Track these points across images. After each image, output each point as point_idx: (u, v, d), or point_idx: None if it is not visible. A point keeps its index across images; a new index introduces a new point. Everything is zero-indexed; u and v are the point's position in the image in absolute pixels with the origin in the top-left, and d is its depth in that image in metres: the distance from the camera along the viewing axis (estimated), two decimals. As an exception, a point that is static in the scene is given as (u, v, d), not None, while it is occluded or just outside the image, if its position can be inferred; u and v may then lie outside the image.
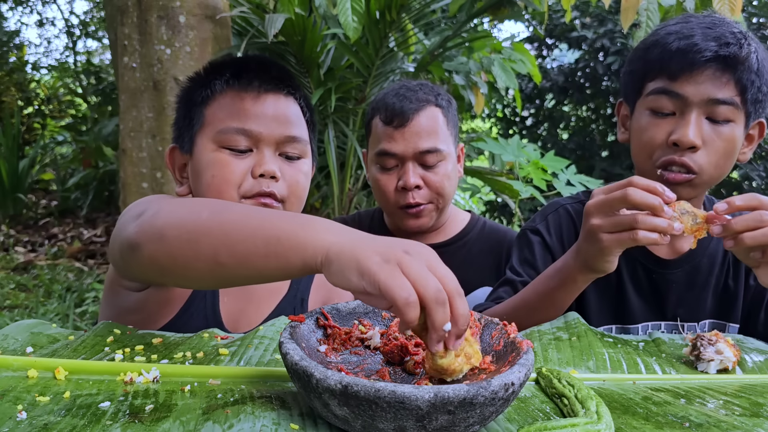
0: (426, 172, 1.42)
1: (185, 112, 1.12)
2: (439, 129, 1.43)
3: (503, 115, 7.24)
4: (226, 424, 0.63)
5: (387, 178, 1.45)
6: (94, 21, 8.39)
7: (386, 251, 0.63)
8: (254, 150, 1.06)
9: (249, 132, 1.05)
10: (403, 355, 0.76)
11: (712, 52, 1.03)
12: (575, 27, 6.41)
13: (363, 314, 0.83)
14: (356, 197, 3.57)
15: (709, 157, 1.07)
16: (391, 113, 1.41)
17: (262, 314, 1.14)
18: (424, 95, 1.43)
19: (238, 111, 1.05)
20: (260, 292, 1.16)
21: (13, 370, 0.75)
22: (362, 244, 0.66)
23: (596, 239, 0.94)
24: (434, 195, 1.44)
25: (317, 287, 1.22)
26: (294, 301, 1.17)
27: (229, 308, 1.13)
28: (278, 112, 1.07)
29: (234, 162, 1.04)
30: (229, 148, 1.05)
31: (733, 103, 1.05)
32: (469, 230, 1.58)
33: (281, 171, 1.06)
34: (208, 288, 1.08)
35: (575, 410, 0.68)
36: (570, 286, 1.04)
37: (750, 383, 0.85)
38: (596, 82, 6.54)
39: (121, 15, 2.67)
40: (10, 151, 6.23)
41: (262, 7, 2.89)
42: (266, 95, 1.07)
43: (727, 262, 1.22)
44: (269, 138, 1.06)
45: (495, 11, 3.46)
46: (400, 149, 1.41)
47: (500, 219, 5.93)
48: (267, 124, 1.05)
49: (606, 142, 6.68)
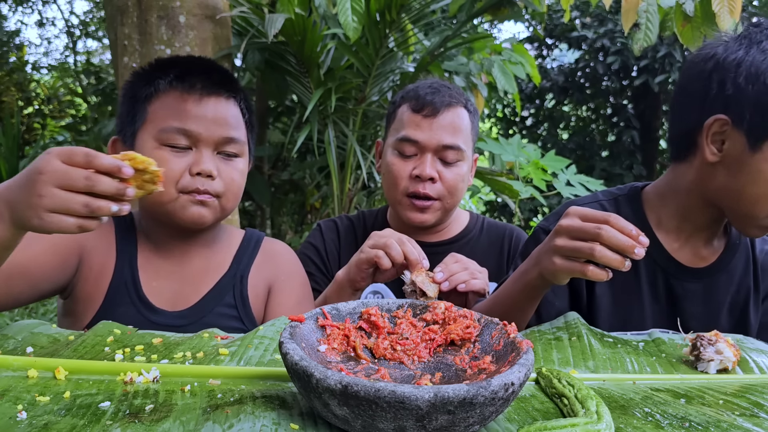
0: (443, 167, 1.43)
1: (129, 107, 1.17)
2: (464, 130, 1.45)
3: (503, 115, 7.24)
4: (226, 424, 0.63)
5: (402, 164, 1.45)
6: (94, 21, 8.39)
7: None
8: (193, 149, 1.12)
9: (189, 132, 1.11)
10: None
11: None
12: (575, 27, 6.41)
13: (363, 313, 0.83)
14: (356, 197, 3.57)
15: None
16: (422, 102, 1.43)
17: (201, 292, 1.20)
18: (456, 95, 1.46)
19: (180, 111, 1.12)
20: (195, 272, 1.22)
21: (13, 370, 0.75)
22: None
23: (550, 259, 0.95)
24: (445, 193, 1.44)
25: (259, 265, 1.27)
26: (234, 279, 1.23)
27: (162, 290, 1.18)
28: (218, 114, 1.14)
29: (173, 160, 1.11)
30: (169, 145, 1.11)
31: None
32: (471, 228, 1.59)
33: (218, 169, 1.13)
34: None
35: (575, 410, 0.68)
36: (530, 291, 1.05)
37: (750, 383, 0.85)
38: (596, 82, 6.54)
39: (121, 15, 2.67)
40: (10, 151, 6.23)
41: (261, 7, 2.89)
42: (208, 98, 1.14)
43: (746, 283, 1.21)
44: (208, 139, 1.12)
45: (495, 11, 3.46)
46: (424, 138, 1.42)
47: (500, 219, 5.94)
48: (207, 126, 1.12)
49: (606, 142, 6.68)
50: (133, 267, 1.18)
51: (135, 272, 1.18)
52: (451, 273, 1.23)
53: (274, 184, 4.82)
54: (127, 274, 1.17)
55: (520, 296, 1.07)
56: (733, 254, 1.21)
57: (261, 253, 1.29)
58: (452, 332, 0.79)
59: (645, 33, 2.69)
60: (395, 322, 0.83)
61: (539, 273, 1.00)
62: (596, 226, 0.90)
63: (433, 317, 0.83)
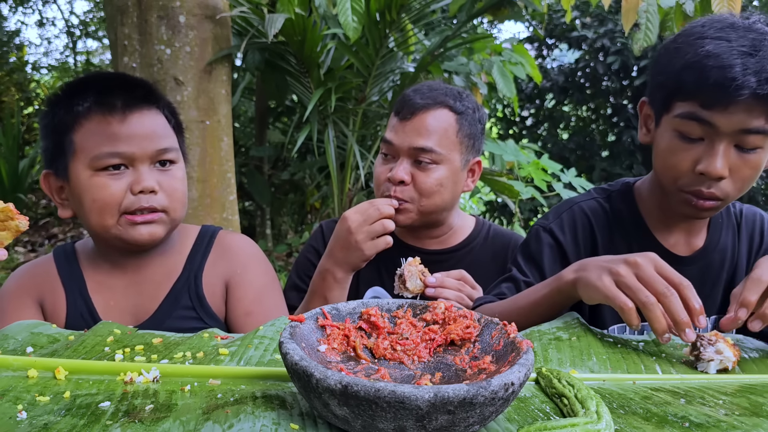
0: (418, 170, 1.40)
1: (53, 140, 1.15)
2: (444, 132, 1.40)
3: (503, 115, 7.24)
4: (226, 424, 0.63)
5: (382, 168, 1.45)
6: (94, 21, 8.39)
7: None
8: (130, 167, 1.12)
9: (122, 154, 1.11)
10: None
11: (750, 90, 0.98)
12: (575, 27, 6.41)
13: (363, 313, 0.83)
14: (356, 197, 3.57)
15: (734, 184, 1.06)
16: (401, 104, 1.43)
17: (158, 300, 1.21)
18: (441, 96, 1.41)
19: (108, 135, 1.10)
20: (150, 282, 1.22)
21: (13, 370, 0.75)
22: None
23: (600, 276, 0.93)
24: (418, 195, 1.40)
25: (213, 263, 1.26)
26: (188, 282, 1.23)
27: (121, 307, 1.20)
28: (146, 128, 1.13)
29: (112, 184, 1.10)
30: (104, 169, 1.10)
31: (764, 131, 1.02)
32: (475, 236, 1.56)
33: (159, 183, 1.13)
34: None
35: (575, 410, 0.68)
36: (556, 296, 1.04)
37: (750, 383, 0.85)
38: (596, 82, 6.54)
39: (121, 15, 2.67)
40: (10, 151, 6.23)
41: (261, 7, 2.88)
42: (131, 114, 1.12)
43: (735, 257, 1.23)
44: (142, 156, 1.12)
45: (495, 11, 3.46)
46: (397, 140, 1.41)
47: (500, 219, 5.93)
48: (138, 143, 1.11)
49: (606, 142, 6.68)
50: (85, 296, 1.19)
51: (88, 301, 1.19)
52: (443, 285, 1.24)
53: (274, 184, 4.82)
54: (81, 306, 1.18)
55: (542, 301, 1.05)
56: (720, 231, 1.23)
57: (214, 249, 1.28)
58: (452, 332, 0.79)
59: (645, 33, 2.69)
60: (395, 322, 0.83)
61: (575, 281, 0.98)
62: (667, 286, 0.89)
63: (433, 317, 0.82)
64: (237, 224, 2.95)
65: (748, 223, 1.26)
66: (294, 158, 4.59)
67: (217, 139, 2.83)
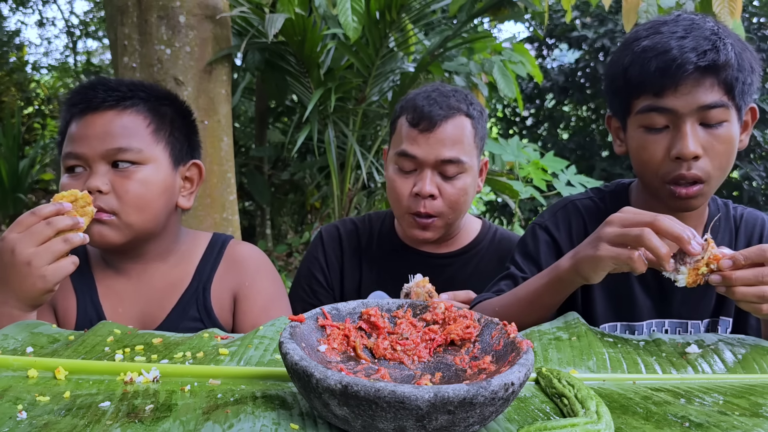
0: (444, 182, 1.37)
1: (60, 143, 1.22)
2: (465, 140, 1.37)
3: (503, 115, 7.24)
4: (226, 424, 0.63)
5: (403, 181, 1.39)
6: (94, 21, 8.40)
7: None
8: (87, 169, 1.14)
9: (75, 154, 1.13)
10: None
11: (692, 65, 1.02)
12: (575, 27, 6.41)
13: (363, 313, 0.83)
14: (356, 197, 3.57)
15: (712, 162, 1.07)
16: (419, 116, 1.36)
17: (166, 309, 1.21)
18: (455, 102, 1.38)
19: (70, 136, 1.16)
20: (157, 290, 1.22)
21: (13, 370, 0.75)
22: None
23: (595, 248, 0.95)
24: (447, 208, 1.38)
25: (222, 275, 1.26)
26: (196, 293, 1.24)
27: (129, 314, 1.21)
28: (102, 129, 1.13)
29: (71, 183, 1.14)
30: (69, 170, 1.15)
31: (723, 105, 1.05)
32: (481, 239, 1.53)
33: (112, 184, 1.12)
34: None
35: (575, 410, 0.68)
36: (556, 285, 1.05)
37: (750, 383, 0.85)
38: (596, 82, 6.54)
39: (121, 15, 2.67)
40: (10, 151, 6.23)
41: (261, 7, 2.88)
42: (92, 115, 1.14)
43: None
44: (94, 155, 1.12)
45: (495, 12, 3.46)
46: (421, 154, 1.36)
47: (500, 219, 5.93)
48: (89, 143, 1.13)
49: (606, 142, 6.68)
50: (95, 301, 1.19)
51: (98, 306, 1.19)
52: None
53: (274, 184, 4.82)
54: (90, 311, 1.18)
55: (544, 291, 1.06)
56: (716, 233, 1.23)
57: (224, 260, 1.27)
58: (452, 332, 0.79)
59: (645, 33, 2.69)
60: (395, 322, 0.83)
61: (574, 266, 1.00)
62: (651, 214, 0.92)
63: (433, 317, 0.83)
64: (237, 224, 2.95)
65: (748, 226, 1.25)
66: (294, 158, 4.59)
67: (217, 139, 2.84)
